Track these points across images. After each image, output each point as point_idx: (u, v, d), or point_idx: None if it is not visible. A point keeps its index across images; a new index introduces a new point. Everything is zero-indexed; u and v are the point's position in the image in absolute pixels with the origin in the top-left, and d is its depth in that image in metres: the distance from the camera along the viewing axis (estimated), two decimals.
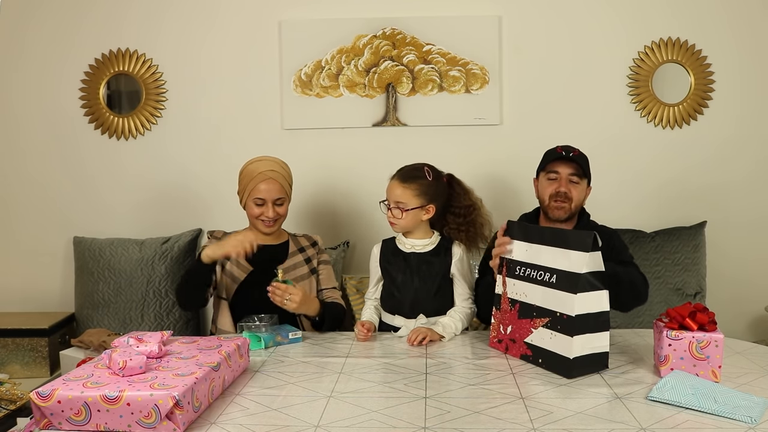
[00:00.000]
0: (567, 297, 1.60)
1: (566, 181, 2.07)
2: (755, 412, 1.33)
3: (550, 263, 1.67)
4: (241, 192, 2.25)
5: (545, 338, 1.65)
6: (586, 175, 2.10)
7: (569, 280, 1.60)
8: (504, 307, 1.80)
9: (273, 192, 2.18)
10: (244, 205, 2.24)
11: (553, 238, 1.68)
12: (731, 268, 2.89)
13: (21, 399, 2.09)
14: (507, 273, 1.80)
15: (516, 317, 1.75)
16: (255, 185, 2.17)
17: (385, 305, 2.11)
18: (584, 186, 2.11)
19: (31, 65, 2.92)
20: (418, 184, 2.01)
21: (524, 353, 1.71)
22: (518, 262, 1.76)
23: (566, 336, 1.59)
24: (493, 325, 1.83)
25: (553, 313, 1.63)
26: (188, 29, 2.90)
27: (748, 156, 2.87)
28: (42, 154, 2.95)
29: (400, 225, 2.03)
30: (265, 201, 2.17)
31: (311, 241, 2.34)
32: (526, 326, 1.71)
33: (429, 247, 2.06)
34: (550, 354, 1.63)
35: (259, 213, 2.19)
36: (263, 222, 2.20)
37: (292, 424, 1.33)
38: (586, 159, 2.12)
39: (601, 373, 1.61)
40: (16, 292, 2.96)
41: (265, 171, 2.19)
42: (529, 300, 1.71)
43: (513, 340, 1.75)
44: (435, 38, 2.84)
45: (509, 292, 1.78)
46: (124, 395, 1.26)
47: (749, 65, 2.84)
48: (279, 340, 1.91)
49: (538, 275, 1.69)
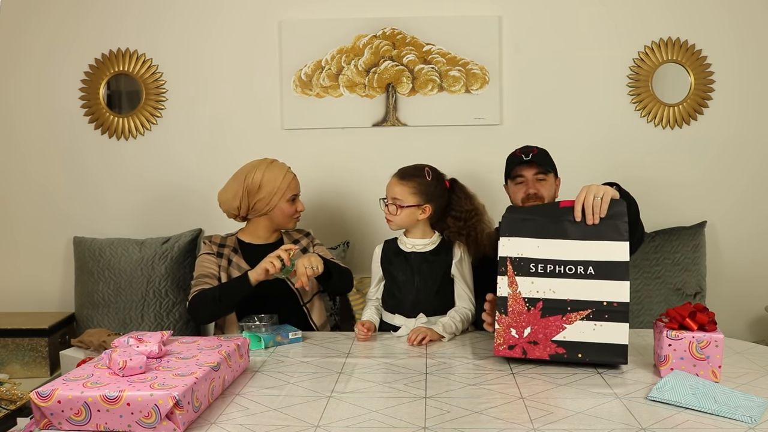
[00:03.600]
0: (616, 285, 1.60)
1: (533, 182, 2.20)
2: (755, 412, 1.33)
3: (581, 256, 1.63)
4: (268, 197, 2.21)
5: (586, 331, 1.61)
6: (552, 170, 2.22)
7: (616, 269, 1.61)
8: (517, 309, 1.66)
9: (299, 185, 2.31)
10: (271, 209, 2.23)
11: (578, 230, 1.65)
12: (731, 268, 2.89)
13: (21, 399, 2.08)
14: (516, 273, 1.67)
15: (538, 317, 1.64)
16: (287, 183, 2.24)
17: (386, 304, 2.11)
18: (552, 180, 2.23)
19: (31, 65, 2.92)
20: (415, 183, 2.02)
21: (554, 352, 1.64)
22: (531, 259, 1.67)
23: (618, 323, 1.60)
24: (499, 332, 1.67)
25: (597, 304, 1.61)
26: (188, 29, 2.90)
27: (748, 156, 2.88)
28: (42, 154, 2.95)
29: (395, 222, 2.04)
30: (297, 195, 2.28)
31: (304, 233, 2.38)
32: (555, 323, 1.64)
33: (430, 247, 2.07)
34: (597, 345, 1.61)
35: (293, 210, 2.27)
36: (296, 219, 2.30)
37: (292, 424, 1.33)
38: (546, 154, 2.23)
39: (601, 373, 1.61)
40: (16, 292, 2.96)
41: (287, 169, 2.28)
42: (560, 295, 1.64)
43: (534, 342, 1.65)
44: (435, 38, 2.84)
45: (525, 291, 1.66)
46: (124, 395, 1.26)
47: (749, 65, 2.84)
48: (279, 340, 1.91)
49: (566, 269, 1.64)
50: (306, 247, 2.33)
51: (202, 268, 2.20)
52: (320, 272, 1.99)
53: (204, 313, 2.15)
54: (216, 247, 2.26)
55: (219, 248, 2.25)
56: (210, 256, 2.23)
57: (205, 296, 2.12)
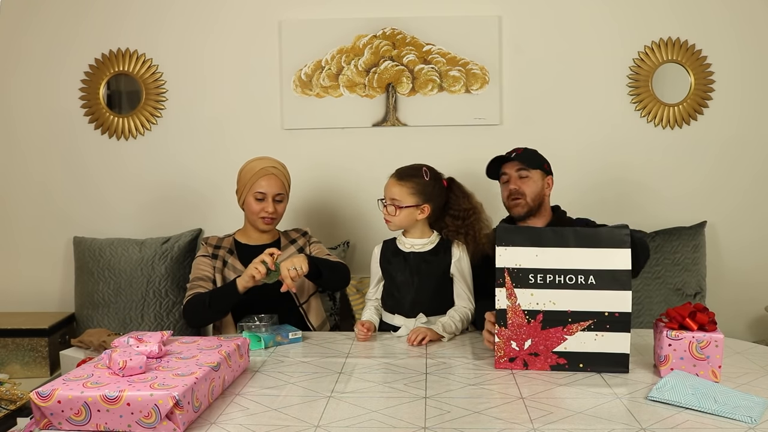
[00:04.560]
0: (618, 295, 1.60)
1: (515, 178, 2.21)
2: (755, 412, 1.33)
3: (581, 264, 1.62)
4: (240, 189, 2.25)
5: (587, 341, 1.61)
6: (536, 167, 2.20)
7: (617, 278, 1.60)
8: (516, 322, 1.64)
9: (274, 187, 2.20)
10: (243, 202, 2.25)
11: (577, 238, 1.64)
12: (731, 268, 2.89)
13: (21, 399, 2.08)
14: (515, 284, 1.64)
15: (538, 329, 1.63)
16: (256, 180, 2.20)
17: (385, 304, 2.11)
18: (537, 178, 2.21)
19: (31, 65, 2.92)
20: (414, 183, 2.03)
21: (555, 363, 1.64)
22: (529, 269, 1.64)
23: (619, 333, 1.60)
24: (499, 345, 1.65)
25: (598, 315, 1.61)
26: (188, 29, 2.90)
27: (749, 156, 2.87)
28: (42, 154, 2.95)
29: (394, 222, 2.04)
30: (266, 196, 2.19)
31: (301, 232, 2.37)
32: (556, 335, 1.63)
33: (428, 247, 2.07)
34: (598, 355, 1.61)
35: (259, 209, 2.20)
36: (263, 219, 2.21)
37: (292, 424, 1.33)
38: (530, 153, 2.23)
39: (601, 374, 1.61)
40: (16, 292, 2.96)
41: (266, 167, 2.22)
42: (560, 307, 1.63)
43: (535, 354, 1.64)
44: (435, 38, 2.84)
45: (524, 304, 1.63)
46: (124, 395, 1.26)
47: (749, 65, 2.84)
48: (279, 340, 1.91)
49: (567, 279, 1.62)
50: (303, 247, 2.32)
51: (196, 271, 2.22)
52: (305, 272, 1.96)
53: (196, 318, 2.17)
54: (211, 248, 2.26)
55: (214, 250, 2.26)
56: (205, 258, 2.24)
57: (197, 302, 2.13)
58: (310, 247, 2.33)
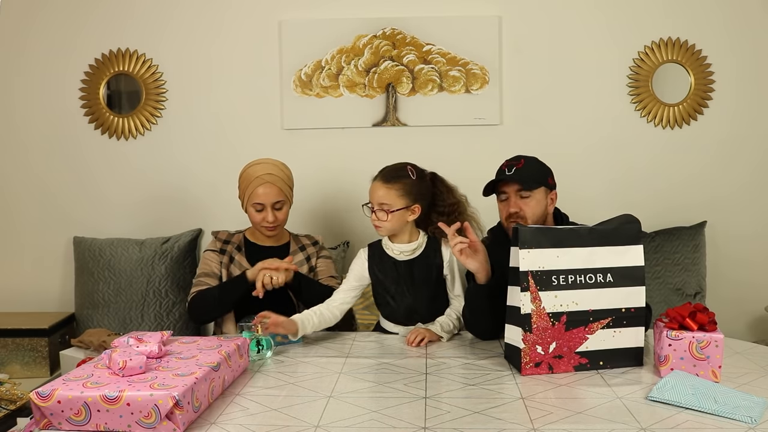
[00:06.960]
0: (633, 291, 1.63)
1: (515, 198, 1.96)
2: (755, 412, 1.33)
3: (599, 263, 1.64)
4: (241, 196, 2.25)
5: (606, 339, 1.63)
6: (539, 185, 1.96)
7: (632, 274, 1.64)
8: (541, 326, 1.61)
9: (271, 196, 2.17)
10: (245, 209, 2.24)
11: (593, 236, 1.65)
12: (731, 268, 2.89)
13: (21, 399, 2.08)
14: (539, 287, 1.61)
15: (562, 330, 1.62)
16: (253, 190, 2.17)
17: (382, 312, 2.10)
18: (539, 196, 1.96)
19: (31, 65, 2.92)
20: (402, 184, 1.94)
21: (578, 363, 1.64)
22: (552, 271, 1.62)
23: (635, 327, 1.64)
24: (525, 351, 1.61)
25: (616, 311, 1.63)
26: (188, 29, 2.90)
27: (748, 156, 2.88)
28: (42, 154, 2.95)
29: (385, 228, 1.95)
30: (264, 206, 2.17)
31: (312, 241, 2.34)
32: (579, 335, 1.63)
33: (418, 252, 2.00)
34: (615, 351, 1.64)
35: (260, 219, 2.19)
36: (264, 227, 2.21)
37: (292, 424, 1.33)
38: (533, 169, 1.97)
39: (601, 373, 1.61)
40: (16, 292, 2.96)
41: (262, 175, 2.17)
42: (582, 307, 1.62)
43: (559, 356, 1.63)
44: (435, 38, 2.84)
45: (549, 306, 1.61)
46: (124, 395, 1.26)
47: (749, 65, 2.84)
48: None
49: (587, 278, 1.63)
50: (310, 256, 2.29)
51: (204, 266, 2.22)
52: (280, 284, 2.03)
53: (202, 313, 2.18)
54: (220, 243, 2.26)
55: (223, 245, 2.25)
56: (213, 253, 2.24)
57: (204, 296, 2.14)
58: (318, 260, 2.29)
